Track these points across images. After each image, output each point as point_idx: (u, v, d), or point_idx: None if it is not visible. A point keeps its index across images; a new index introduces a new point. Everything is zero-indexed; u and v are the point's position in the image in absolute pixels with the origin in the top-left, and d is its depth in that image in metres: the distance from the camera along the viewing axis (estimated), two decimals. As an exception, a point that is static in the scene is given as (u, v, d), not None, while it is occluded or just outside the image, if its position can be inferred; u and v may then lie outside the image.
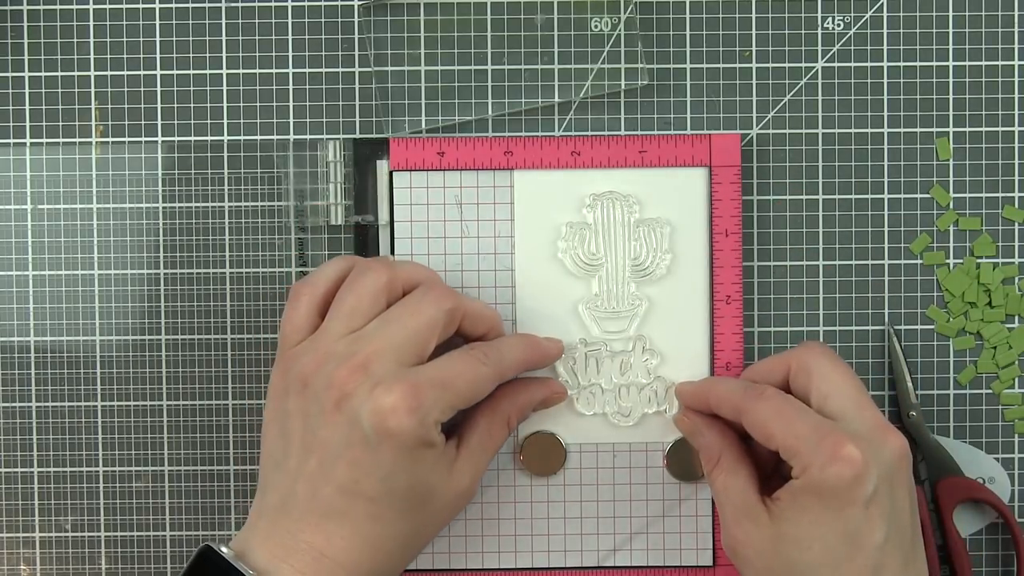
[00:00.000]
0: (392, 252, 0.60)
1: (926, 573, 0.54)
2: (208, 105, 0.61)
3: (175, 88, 0.61)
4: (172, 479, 0.61)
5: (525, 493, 0.61)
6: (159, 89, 0.61)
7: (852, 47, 0.61)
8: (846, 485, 0.51)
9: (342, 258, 0.56)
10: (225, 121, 0.61)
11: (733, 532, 0.54)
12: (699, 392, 0.58)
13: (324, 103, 0.61)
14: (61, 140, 0.61)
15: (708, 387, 0.58)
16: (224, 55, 0.61)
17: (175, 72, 0.61)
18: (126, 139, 0.61)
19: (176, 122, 0.61)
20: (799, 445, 0.52)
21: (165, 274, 0.61)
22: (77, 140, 0.61)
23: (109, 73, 0.61)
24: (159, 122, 0.61)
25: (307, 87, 0.61)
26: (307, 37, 0.61)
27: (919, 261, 0.61)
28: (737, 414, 0.55)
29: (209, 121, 0.61)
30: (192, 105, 0.61)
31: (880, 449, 0.52)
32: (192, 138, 0.61)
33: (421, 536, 0.54)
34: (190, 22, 0.61)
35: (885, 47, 0.61)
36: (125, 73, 0.61)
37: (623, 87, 0.61)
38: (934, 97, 0.61)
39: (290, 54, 0.61)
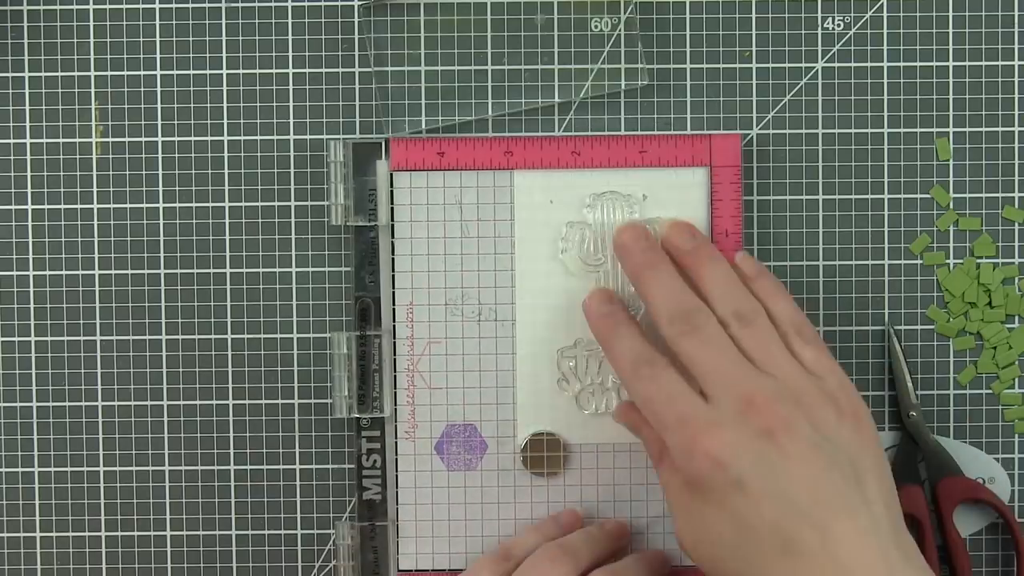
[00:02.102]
0: (392, 252, 0.60)
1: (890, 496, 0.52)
2: (208, 105, 0.61)
3: (175, 88, 0.61)
4: (172, 479, 0.61)
5: (525, 493, 0.61)
6: (159, 89, 0.61)
7: (852, 47, 0.61)
8: (709, 477, 0.50)
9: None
10: (225, 121, 0.61)
11: (678, 525, 0.54)
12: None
13: (324, 103, 0.61)
14: (61, 140, 0.61)
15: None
16: (224, 55, 0.61)
17: (175, 72, 0.61)
18: (126, 139, 0.61)
19: (176, 122, 0.61)
20: (667, 439, 0.52)
21: (165, 274, 0.61)
22: (77, 140, 0.61)
23: (109, 73, 0.61)
24: (159, 122, 0.61)
25: (307, 87, 0.61)
26: (307, 37, 0.61)
27: (919, 261, 0.61)
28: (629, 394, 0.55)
29: (209, 121, 0.61)
30: (192, 105, 0.61)
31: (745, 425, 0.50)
32: (192, 138, 0.61)
33: None
34: (190, 22, 0.61)
35: (885, 47, 0.61)
36: (125, 73, 0.61)
37: (623, 87, 0.61)
38: (934, 97, 0.61)
39: (290, 54, 0.61)
